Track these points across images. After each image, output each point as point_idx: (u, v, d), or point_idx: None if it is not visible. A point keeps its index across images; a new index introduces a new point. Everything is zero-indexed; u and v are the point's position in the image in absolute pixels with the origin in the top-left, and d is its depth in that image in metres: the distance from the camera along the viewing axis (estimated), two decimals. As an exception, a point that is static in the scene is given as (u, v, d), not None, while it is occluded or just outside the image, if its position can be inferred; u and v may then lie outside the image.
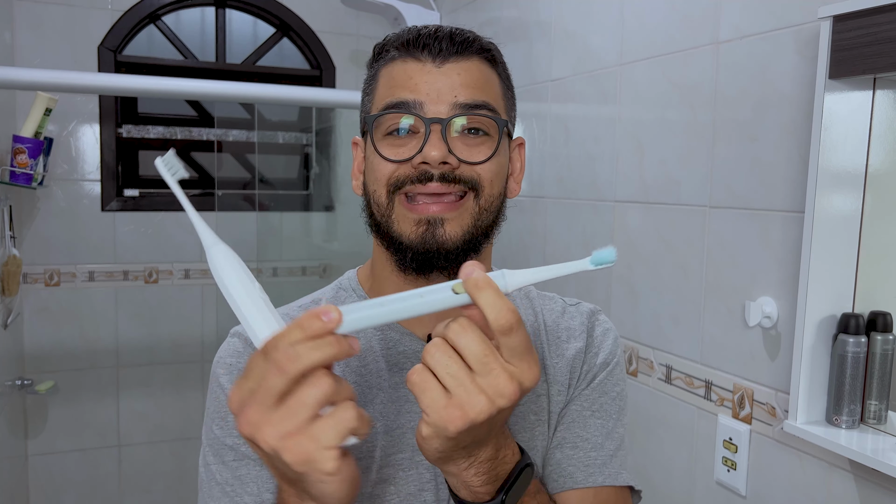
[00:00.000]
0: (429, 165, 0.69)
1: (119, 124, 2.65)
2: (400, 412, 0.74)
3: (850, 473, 1.16)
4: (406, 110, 0.70)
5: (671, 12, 1.50)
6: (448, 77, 0.71)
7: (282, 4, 2.79)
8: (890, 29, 1.02)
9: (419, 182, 0.69)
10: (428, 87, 0.70)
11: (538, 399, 0.78)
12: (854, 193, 1.16)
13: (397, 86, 0.72)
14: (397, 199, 0.71)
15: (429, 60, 0.71)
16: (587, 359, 0.80)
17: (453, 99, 0.70)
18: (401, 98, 0.71)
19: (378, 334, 0.77)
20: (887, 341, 1.13)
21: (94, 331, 2.61)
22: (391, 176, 0.71)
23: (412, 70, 0.71)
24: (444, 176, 0.69)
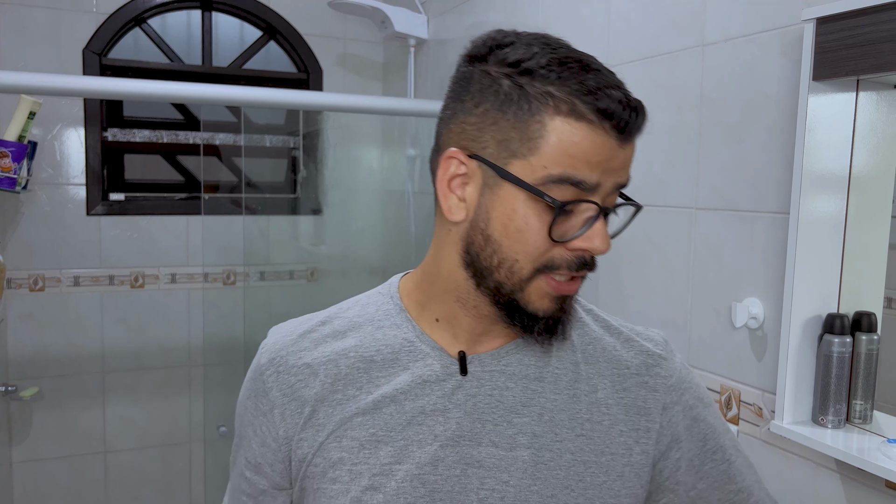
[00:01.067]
0: (596, 254, 0.67)
1: (104, 128, 2.63)
2: (409, 424, 0.73)
3: (836, 473, 1.17)
4: (578, 188, 0.64)
5: (657, 15, 1.51)
6: (624, 157, 0.66)
7: (268, 7, 2.78)
8: (873, 31, 1.03)
9: (576, 268, 0.67)
10: (608, 165, 0.64)
11: None
12: (838, 195, 1.17)
13: (579, 159, 0.63)
14: (541, 276, 0.68)
15: (614, 135, 0.64)
16: (664, 415, 0.78)
17: (618, 179, 0.66)
18: (583, 179, 0.64)
19: (407, 346, 0.75)
20: (872, 341, 1.14)
21: (79, 336, 2.59)
22: (546, 255, 0.66)
23: (599, 146, 0.63)
24: (593, 261, 0.68)
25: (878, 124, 1.16)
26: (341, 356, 0.75)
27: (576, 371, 0.77)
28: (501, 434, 0.73)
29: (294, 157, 2.93)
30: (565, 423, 0.74)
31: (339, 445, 0.73)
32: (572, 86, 0.63)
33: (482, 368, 0.74)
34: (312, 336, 0.77)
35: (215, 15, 2.78)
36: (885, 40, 1.01)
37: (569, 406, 0.75)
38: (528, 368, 0.75)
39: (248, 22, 2.83)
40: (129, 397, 2.67)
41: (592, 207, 0.66)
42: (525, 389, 0.74)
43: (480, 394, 0.73)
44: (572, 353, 0.77)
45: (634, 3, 1.57)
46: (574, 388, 0.76)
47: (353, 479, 0.72)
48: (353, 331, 0.77)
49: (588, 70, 0.64)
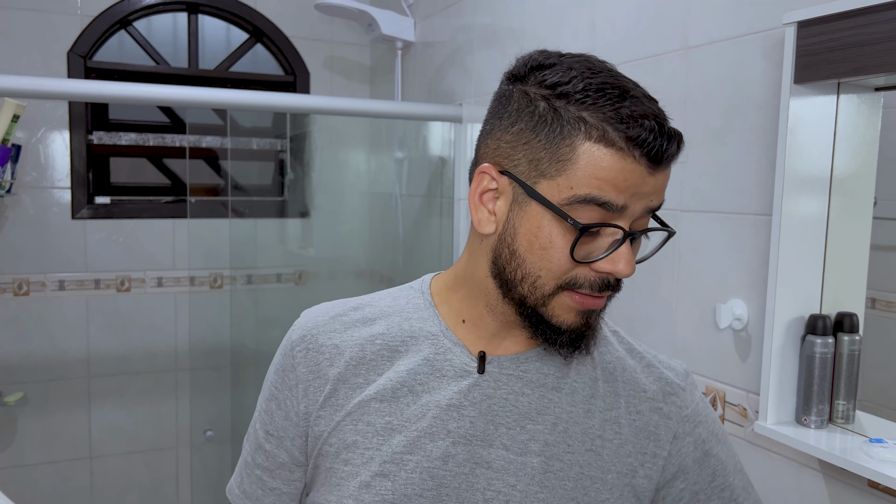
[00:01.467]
0: (613, 276, 0.68)
1: (90, 131, 2.62)
2: (423, 416, 0.74)
3: (819, 473, 1.18)
4: (604, 209, 0.65)
5: (641, 18, 1.52)
6: (655, 183, 0.66)
7: (255, 10, 2.78)
8: (853, 34, 1.04)
9: (599, 289, 0.68)
10: (636, 190, 0.65)
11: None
12: (820, 196, 1.18)
13: (606, 182, 0.64)
14: (564, 292, 0.69)
15: (644, 163, 0.64)
16: (675, 444, 0.79)
17: (648, 203, 0.66)
18: (609, 200, 0.64)
19: (431, 339, 0.77)
20: (854, 342, 1.15)
21: (64, 341, 2.57)
22: (569, 273, 0.68)
23: (628, 172, 0.64)
24: (618, 283, 0.69)
25: (860, 126, 1.18)
26: (368, 341, 0.78)
27: (593, 387, 0.78)
28: (514, 438, 0.74)
29: (281, 160, 2.92)
30: (578, 437, 0.75)
31: (355, 429, 0.75)
32: (606, 112, 0.64)
33: (500, 370, 0.76)
34: (343, 319, 0.80)
35: (202, 17, 2.77)
36: (865, 44, 1.03)
37: (583, 420, 0.76)
38: (546, 377, 0.76)
39: (235, 24, 2.83)
40: (115, 402, 2.66)
41: (618, 231, 0.66)
42: (541, 398, 0.75)
43: (496, 396, 0.75)
44: (592, 368, 0.79)
45: (619, 6, 1.58)
46: (590, 404, 0.77)
47: (365, 463, 0.74)
48: (382, 319, 0.79)
49: (625, 97, 0.65)
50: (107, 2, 2.56)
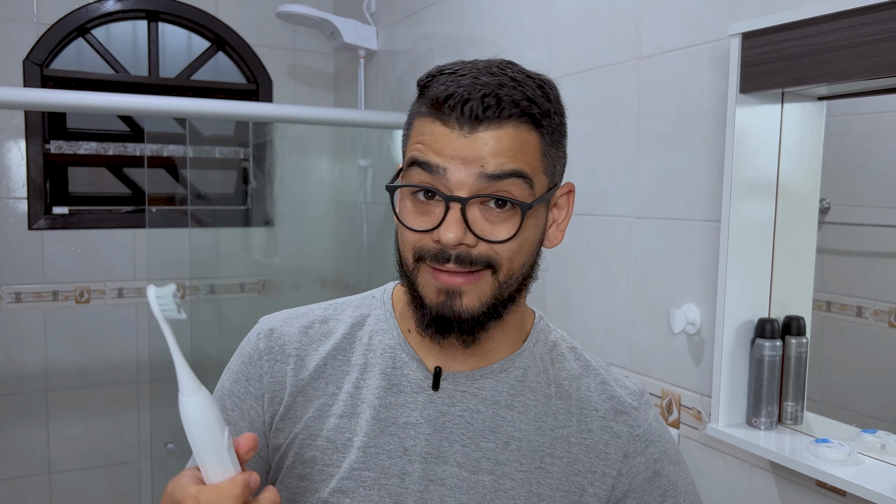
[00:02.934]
0: (444, 246, 0.68)
1: (47, 140, 2.58)
2: (382, 432, 0.75)
3: (770, 473, 1.20)
4: (427, 171, 0.68)
5: (596, 28, 1.54)
6: (474, 146, 0.66)
7: (216, 18, 2.76)
8: (795, 45, 1.07)
9: (436, 260, 0.69)
10: (452, 153, 0.67)
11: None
12: (767, 202, 1.21)
13: (424, 144, 0.69)
14: (422, 265, 0.70)
15: (456, 128, 0.67)
16: (626, 463, 0.78)
17: (479, 169, 0.66)
18: (425, 158, 0.68)
19: (388, 353, 0.78)
20: (801, 344, 1.18)
21: (21, 354, 2.52)
22: (416, 245, 0.70)
23: (440, 136, 0.67)
24: (459, 257, 0.68)
25: (804, 134, 1.21)
26: (330, 356, 0.79)
27: (546, 404, 0.78)
28: (468, 456, 0.74)
29: (244, 169, 2.90)
30: (528, 454, 0.76)
31: (314, 444, 0.76)
32: (430, 90, 0.70)
33: (455, 387, 0.76)
34: (310, 332, 0.81)
35: (162, 25, 2.75)
36: (806, 55, 1.06)
37: (534, 437, 0.76)
38: (500, 395, 0.76)
39: (196, 33, 2.80)
40: (74, 416, 2.61)
41: (441, 196, 0.68)
42: (495, 415, 0.76)
43: (451, 413, 0.75)
44: (546, 385, 0.79)
45: (575, 17, 1.61)
46: (540, 421, 0.77)
47: (324, 480, 0.74)
48: (347, 333, 0.80)
49: (454, 76, 0.69)
50: (64, 9, 2.52)
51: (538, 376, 0.79)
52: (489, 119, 0.66)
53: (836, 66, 1.02)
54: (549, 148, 0.72)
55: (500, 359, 0.78)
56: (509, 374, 0.77)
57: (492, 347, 0.77)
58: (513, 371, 0.78)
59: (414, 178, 0.69)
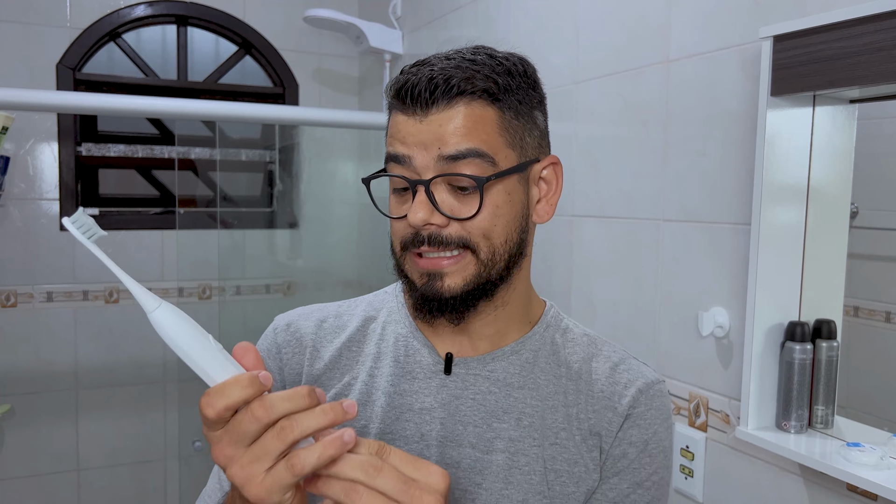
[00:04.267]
0: (415, 228, 0.71)
1: (79, 142, 2.62)
2: (398, 419, 0.77)
3: (799, 477, 1.20)
4: (399, 163, 0.72)
5: (623, 32, 1.55)
6: (430, 129, 0.70)
7: (244, 23, 2.79)
8: (827, 48, 1.07)
9: (413, 245, 0.72)
10: (414, 140, 0.70)
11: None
12: (797, 205, 1.20)
13: (392, 136, 0.73)
14: (408, 253, 0.74)
15: (412, 113, 0.71)
16: (619, 435, 0.77)
17: (437, 152, 0.69)
18: (395, 151, 0.72)
19: (401, 341, 0.80)
20: (832, 348, 1.17)
21: (51, 353, 2.56)
22: (401, 236, 0.74)
23: (401, 123, 0.72)
24: (432, 238, 0.71)
25: (835, 137, 1.20)
26: (344, 347, 0.81)
27: (556, 384, 0.78)
28: (481, 437, 0.75)
29: (270, 171, 2.94)
30: (541, 431, 0.76)
31: (331, 433, 0.76)
32: (392, 85, 0.74)
33: (467, 371, 0.78)
34: (324, 326, 0.84)
35: (191, 30, 2.79)
36: (838, 57, 1.05)
37: (547, 415, 0.77)
38: (511, 377, 0.78)
39: (224, 37, 2.84)
40: (103, 414, 2.65)
41: (408, 182, 0.71)
42: (507, 396, 0.77)
43: (464, 396, 0.77)
44: (556, 366, 0.79)
45: (601, 20, 1.61)
46: (553, 399, 0.78)
47: None
48: (360, 325, 0.83)
49: (417, 66, 0.74)
50: (96, 14, 2.57)
51: (548, 358, 0.80)
52: (439, 100, 0.70)
53: (868, 69, 1.02)
54: (512, 121, 0.73)
55: (510, 343, 0.79)
56: (520, 357, 0.79)
57: (498, 331, 0.78)
58: (523, 353, 0.79)
59: (391, 172, 0.74)
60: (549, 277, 1.78)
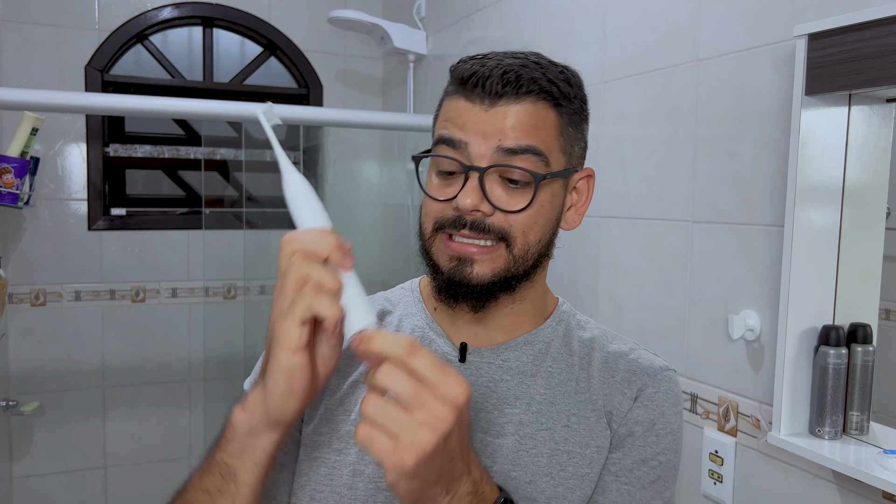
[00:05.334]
0: (461, 212, 0.72)
1: (106, 143, 2.65)
2: None
3: (833, 484, 1.17)
4: (452, 147, 0.73)
5: (652, 31, 1.53)
6: (495, 120, 0.72)
7: (269, 24, 2.81)
8: (864, 46, 1.05)
9: (454, 227, 0.73)
10: (474, 127, 0.72)
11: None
12: (832, 207, 1.18)
13: (449, 121, 0.74)
14: (439, 235, 0.75)
15: (478, 101, 0.73)
16: (629, 415, 0.78)
17: (497, 143, 0.72)
18: (450, 135, 0.73)
19: (417, 332, 0.82)
20: (867, 352, 1.15)
21: (80, 351, 2.59)
22: (437, 215, 0.75)
23: (463, 110, 0.73)
24: (474, 224, 0.72)
25: (871, 137, 1.18)
26: None
27: (569, 372, 0.80)
28: (492, 422, 0.77)
29: (294, 172, 2.94)
30: (552, 415, 0.78)
31: (348, 419, 0.78)
32: (456, 72, 0.75)
33: (481, 360, 0.80)
34: None
35: (216, 31, 2.81)
36: (875, 56, 1.03)
37: (558, 399, 0.79)
38: (524, 365, 0.80)
39: (249, 38, 2.86)
40: (130, 412, 2.68)
41: (461, 166, 0.72)
42: (519, 384, 0.79)
43: (478, 384, 0.78)
44: (569, 356, 0.82)
45: (629, 19, 1.60)
46: (564, 386, 0.80)
47: (359, 452, 0.76)
48: (378, 317, 0.83)
49: (481, 58, 0.75)
50: (124, 16, 2.60)
51: (560, 349, 0.82)
52: (508, 94, 0.72)
53: (908, 68, 0.99)
54: (567, 127, 0.76)
55: (523, 334, 0.81)
56: (533, 347, 0.81)
57: (512, 323, 0.81)
58: (536, 344, 0.81)
59: (436, 159, 0.75)
60: (575, 279, 1.77)
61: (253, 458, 0.66)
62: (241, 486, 0.66)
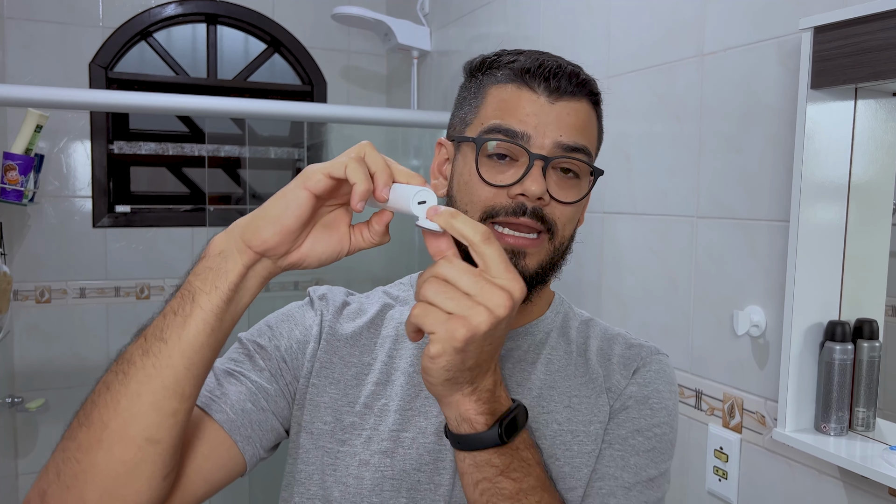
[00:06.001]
0: (526, 198, 0.73)
1: (110, 140, 2.66)
2: (417, 396, 0.79)
3: (839, 481, 1.17)
4: (514, 139, 0.73)
5: (656, 25, 1.52)
6: (558, 115, 0.73)
7: (273, 21, 2.81)
8: (870, 39, 1.04)
9: (513, 214, 0.73)
10: (538, 120, 0.73)
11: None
12: (838, 202, 1.17)
13: (508, 112, 0.74)
14: (489, 223, 0.74)
15: (544, 94, 0.74)
16: (625, 391, 0.81)
17: (558, 137, 0.73)
18: (510, 126, 0.73)
19: None
20: (874, 348, 1.14)
21: (84, 348, 2.60)
22: (488, 202, 0.74)
23: (526, 100, 0.74)
24: (535, 212, 0.73)
25: (877, 132, 1.17)
26: (364, 328, 0.84)
27: (567, 359, 0.83)
28: None
29: (298, 169, 2.95)
30: (553, 398, 0.80)
31: (352, 410, 0.79)
32: (513, 64, 0.76)
33: None
34: (345, 311, 0.86)
35: (220, 28, 2.81)
36: (883, 49, 1.02)
37: (558, 383, 0.81)
38: (525, 354, 0.82)
39: (253, 35, 2.86)
40: (135, 408, 2.68)
41: (525, 155, 0.73)
42: (521, 371, 0.81)
43: None
44: (567, 344, 0.84)
45: (633, 13, 1.59)
46: (564, 370, 0.82)
47: (364, 442, 0.77)
48: (379, 311, 0.86)
49: (534, 53, 0.76)
50: (128, 14, 2.60)
51: (558, 339, 0.84)
52: (571, 93, 0.74)
53: (915, 61, 0.98)
54: (601, 130, 0.81)
55: (524, 324, 0.83)
56: (533, 337, 0.83)
57: (518, 313, 0.81)
58: (536, 335, 0.83)
59: (493, 145, 0.74)
60: (579, 275, 1.76)
61: (215, 280, 0.63)
62: (196, 308, 0.63)
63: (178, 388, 0.63)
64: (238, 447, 0.74)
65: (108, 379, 0.65)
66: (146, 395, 0.62)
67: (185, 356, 0.63)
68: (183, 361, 0.62)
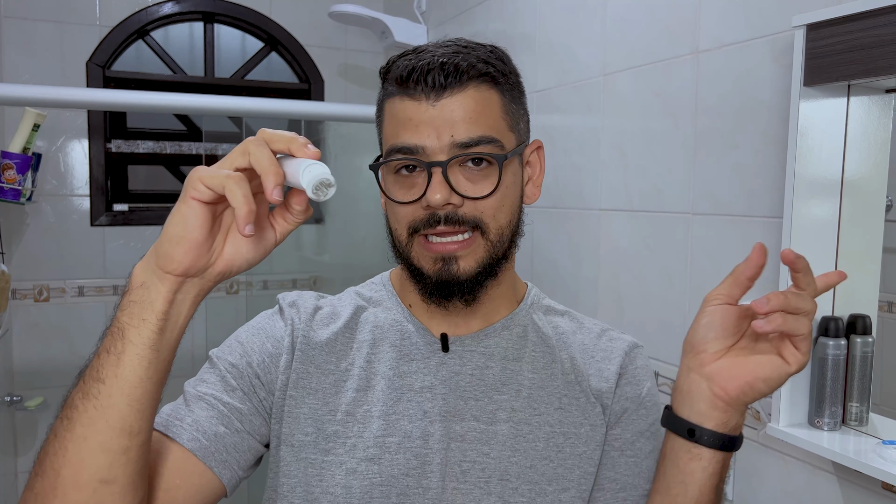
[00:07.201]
0: (433, 209, 0.72)
1: (108, 139, 2.66)
2: (399, 400, 0.78)
3: (833, 475, 1.18)
4: (409, 155, 0.72)
5: (652, 23, 1.53)
6: (443, 114, 0.72)
7: (270, 19, 2.81)
8: (863, 36, 1.04)
9: (429, 226, 0.73)
10: (426, 126, 0.72)
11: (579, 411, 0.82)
12: (831, 199, 1.18)
13: (399, 126, 0.73)
14: (416, 239, 0.75)
15: (423, 98, 0.72)
16: (617, 392, 0.83)
17: (449, 138, 0.72)
18: (404, 143, 0.73)
19: (396, 325, 0.82)
20: (867, 343, 1.15)
21: (83, 346, 2.60)
22: (407, 219, 0.75)
23: (409, 110, 0.73)
24: (448, 218, 0.73)
25: (870, 128, 1.18)
26: (339, 333, 0.82)
27: (551, 354, 0.83)
28: (483, 409, 0.78)
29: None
30: (543, 399, 0.80)
31: (334, 419, 0.78)
32: (393, 73, 0.74)
33: (463, 348, 0.81)
34: (317, 317, 0.84)
35: (217, 27, 2.81)
36: (875, 45, 1.03)
37: (546, 383, 0.81)
38: (507, 350, 0.82)
39: (250, 33, 2.86)
40: (133, 407, 2.68)
41: (421, 164, 0.72)
42: (504, 369, 0.80)
43: (463, 372, 0.79)
44: (547, 338, 0.84)
45: (629, 11, 1.59)
46: (551, 368, 0.82)
47: (349, 451, 0.76)
48: (352, 314, 0.84)
49: (412, 54, 0.75)
50: (125, 12, 2.60)
51: (538, 332, 0.84)
52: (451, 85, 0.72)
53: (907, 58, 0.99)
54: (510, 104, 0.77)
55: (499, 320, 0.83)
56: (512, 332, 0.83)
57: (490, 310, 0.82)
58: (514, 328, 0.83)
59: (393, 164, 0.75)
60: (575, 272, 1.77)
61: (141, 313, 0.62)
62: (128, 344, 0.61)
63: (125, 426, 0.61)
64: (214, 472, 0.73)
65: (56, 426, 0.63)
66: (92, 437, 0.61)
67: (125, 393, 0.61)
68: (124, 399, 0.61)
